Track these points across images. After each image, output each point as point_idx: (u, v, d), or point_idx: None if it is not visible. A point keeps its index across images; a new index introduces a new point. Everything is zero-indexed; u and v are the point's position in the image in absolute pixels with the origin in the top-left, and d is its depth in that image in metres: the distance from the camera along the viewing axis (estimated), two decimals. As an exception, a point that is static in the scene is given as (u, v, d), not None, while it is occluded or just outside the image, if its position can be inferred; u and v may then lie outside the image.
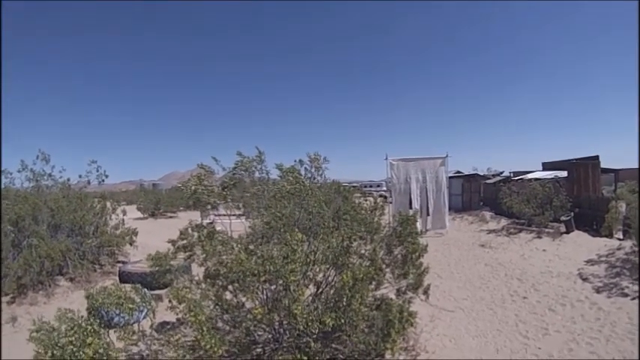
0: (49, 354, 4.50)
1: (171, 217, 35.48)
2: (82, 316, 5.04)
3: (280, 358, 5.25)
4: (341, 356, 6.28)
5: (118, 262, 14.70)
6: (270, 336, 6.28)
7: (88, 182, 14.99)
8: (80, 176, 15.01)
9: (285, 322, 5.79)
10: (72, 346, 4.50)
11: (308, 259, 5.49)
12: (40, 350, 4.57)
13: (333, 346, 6.31)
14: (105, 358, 4.61)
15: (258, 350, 6.43)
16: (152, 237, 17.97)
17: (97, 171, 14.83)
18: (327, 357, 5.73)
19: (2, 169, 13.92)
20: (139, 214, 34.17)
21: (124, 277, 11.59)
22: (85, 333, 4.65)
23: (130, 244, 15.15)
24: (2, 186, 13.81)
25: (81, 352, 4.46)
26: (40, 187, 14.40)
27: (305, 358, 5.16)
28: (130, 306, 5.69)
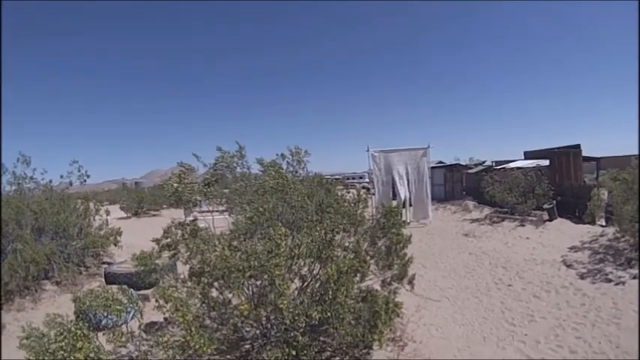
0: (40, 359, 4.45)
1: (154, 215, 35.15)
2: (71, 321, 4.98)
3: (269, 353, 5.23)
4: (329, 349, 6.29)
5: (104, 263, 14.56)
6: (258, 332, 6.27)
7: (70, 183, 14.77)
8: (62, 177, 14.78)
9: (272, 317, 5.80)
10: (62, 352, 4.45)
11: (292, 253, 5.48)
12: (30, 357, 4.54)
13: (321, 339, 6.31)
14: None
15: (247, 346, 6.42)
16: (136, 236, 17.62)
17: (79, 171, 14.57)
18: (315, 350, 5.65)
19: None
20: (123, 214, 33.77)
21: (110, 279, 11.50)
22: (74, 337, 4.59)
23: (115, 245, 14.93)
24: None
25: (72, 357, 4.43)
26: (22, 191, 14.17)
27: (293, 352, 5.16)
28: (118, 307, 5.66)
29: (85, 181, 14.81)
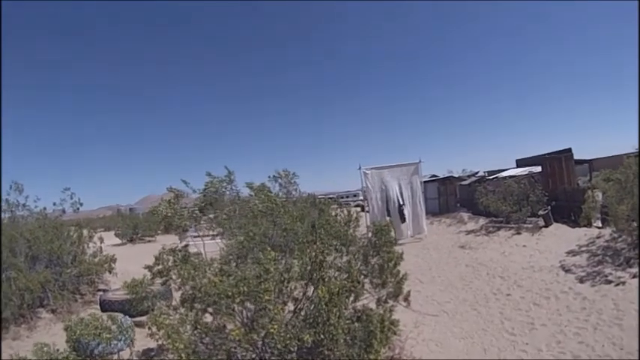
0: None
1: (149, 241, 35.15)
2: (57, 349, 4.94)
3: None
4: None
5: (99, 290, 14.46)
6: (254, 355, 6.08)
7: (63, 211, 14.78)
8: (55, 204, 14.79)
9: (266, 341, 5.70)
10: None
11: (282, 277, 5.44)
12: None
13: None
14: None
15: None
16: (131, 263, 17.45)
17: (72, 198, 14.60)
18: None
19: None
20: (118, 240, 33.93)
21: (105, 306, 11.42)
22: None
23: (109, 272, 14.85)
24: None
25: None
26: (16, 218, 14.16)
27: None
28: (107, 336, 5.59)
29: (78, 208, 14.80)
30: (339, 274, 6.24)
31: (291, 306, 6.23)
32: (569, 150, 20.40)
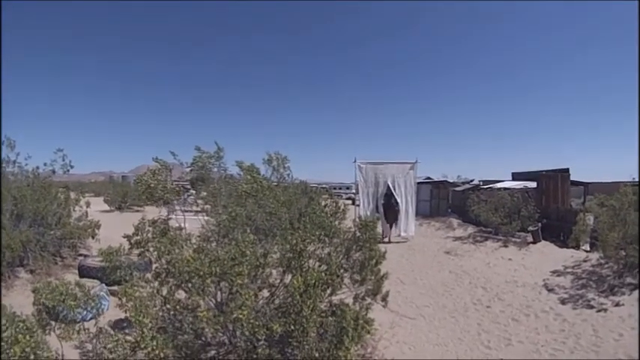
0: None
1: (137, 210, 34.81)
2: (14, 313, 4.85)
3: None
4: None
5: (80, 255, 14.41)
6: (224, 338, 6.11)
7: (53, 171, 14.57)
8: (45, 164, 14.60)
9: (235, 326, 5.62)
10: (4, 343, 4.36)
11: (258, 262, 5.36)
12: None
13: (288, 350, 6.16)
14: (32, 357, 4.44)
15: (212, 353, 6.27)
16: (116, 231, 17.17)
17: (63, 160, 14.40)
18: None
19: None
20: (106, 207, 33.83)
21: (84, 271, 11.35)
22: (16, 329, 4.51)
23: (92, 237, 14.73)
24: None
25: (9, 351, 4.33)
26: (5, 175, 13.97)
27: None
28: (72, 303, 5.45)
29: (68, 170, 14.54)
30: (319, 265, 6.15)
31: (266, 293, 6.16)
32: (567, 170, 20.41)
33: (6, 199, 12.56)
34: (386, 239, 20.03)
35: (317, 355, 5.27)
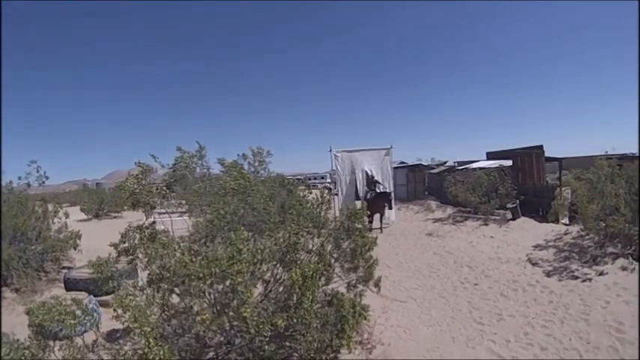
0: None
1: (115, 217, 34.79)
2: (17, 340, 4.77)
3: None
4: (295, 354, 6.03)
5: (63, 268, 14.13)
6: (222, 339, 6.11)
7: (28, 185, 14.36)
8: (19, 178, 14.35)
9: (235, 325, 5.64)
10: None
11: (255, 259, 5.34)
12: None
13: (287, 344, 6.15)
14: None
15: (211, 354, 6.21)
16: (97, 239, 16.98)
17: (37, 172, 14.15)
18: (282, 357, 5.58)
19: None
20: (83, 216, 33.35)
21: (70, 284, 11.18)
22: (23, 357, 4.47)
23: (74, 249, 14.42)
24: None
25: None
26: None
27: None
28: (72, 322, 5.38)
29: (44, 182, 14.35)
30: (310, 256, 6.17)
31: (259, 288, 6.18)
32: (541, 147, 20.64)
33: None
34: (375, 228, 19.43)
35: (318, 345, 5.32)
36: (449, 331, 8.07)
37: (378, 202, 20.02)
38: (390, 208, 20.47)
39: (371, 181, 21.26)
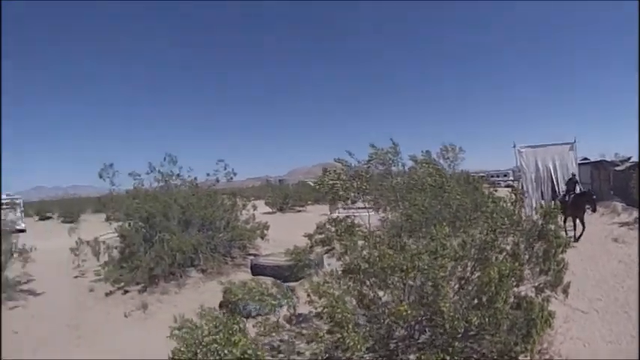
0: (192, 352, 4.56)
1: (299, 211, 37.11)
2: (224, 313, 5.06)
3: (422, 356, 5.14)
4: (474, 356, 6.02)
5: (249, 255, 15.45)
6: (405, 332, 6.22)
7: (217, 180, 15.94)
8: (208, 175, 16.10)
9: (424, 320, 5.76)
10: (216, 345, 4.52)
11: (457, 255, 5.44)
12: (182, 348, 4.64)
13: (469, 344, 6.11)
14: (253, 358, 4.59)
15: (392, 346, 6.32)
16: (281, 230, 18.63)
17: (225, 169, 15.85)
18: (464, 357, 5.51)
19: (131, 171, 15.23)
20: (268, 209, 35.70)
21: (257, 270, 12.28)
22: (230, 332, 4.68)
23: (262, 238, 15.85)
24: (132, 187, 15.32)
25: (225, 351, 4.48)
26: (169, 187, 15.61)
27: (447, 357, 5.06)
28: (273, 302, 5.81)
29: (231, 178, 15.90)
30: (503, 255, 6.06)
31: (453, 285, 6.11)
32: None
33: (171, 207, 13.76)
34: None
35: (500, 347, 5.30)
36: (627, 352, 7.55)
37: (578, 204, 17.55)
38: (594, 210, 17.90)
39: (570, 181, 19.09)
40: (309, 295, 5.63)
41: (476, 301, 5.45)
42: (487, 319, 5.01)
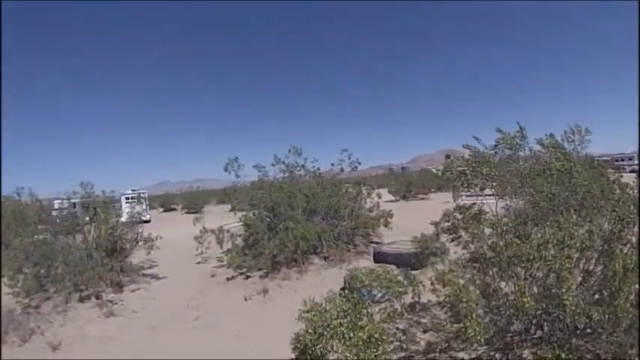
0: (318, 334, 4.70)
1: (422, 198, 37.59)
2: (348, 299, 5.29)
3: (539, 351, 5.12)
4: (587, 356, 5.64)
5: (372, 242, 15.94)
6: (521, 326, 6.16)
7: (341, 170, 16.76)
8: (332, 165, 16.97)
9: (543, 314, 5.69)
10: (343, 328, 4.67)
11: (583, 245, 5.26)
12: (309, 329, 4.79)
13: (583, 342, 5.60)
14: (379, 343, 4.68)
15: (507, 339, 6.35)
16: (405, 218, 18.98)
17: (349, 158, 16.58)
18: (577, 356, 5.28)
19: (255, 164, 16.32)
20: (391, 197, 36.48)
21: (379, 257, 12.76)
22: (357, 316, 4.85)
23: (386, 226, 16.15)
24: (256, 178, 16.42)
25: (352, 334, 4.62)
26: (294, 177, 16.55)
27: (562, 354, 4.98)
28: (399, 289, 6.06)
29: (356, 167, 16.56)
30: (628, 248, 5.56)
31: (576, 278, 5.68)
32: None
33: (296, 196, 14.69)
34: None
35: (615, 349, 5.07)
36: None
37: None
38: None
39: None
40: (432, 284, 5.80)
41: (597, 296, 5.31)
42: (607, 316, 4.85)
